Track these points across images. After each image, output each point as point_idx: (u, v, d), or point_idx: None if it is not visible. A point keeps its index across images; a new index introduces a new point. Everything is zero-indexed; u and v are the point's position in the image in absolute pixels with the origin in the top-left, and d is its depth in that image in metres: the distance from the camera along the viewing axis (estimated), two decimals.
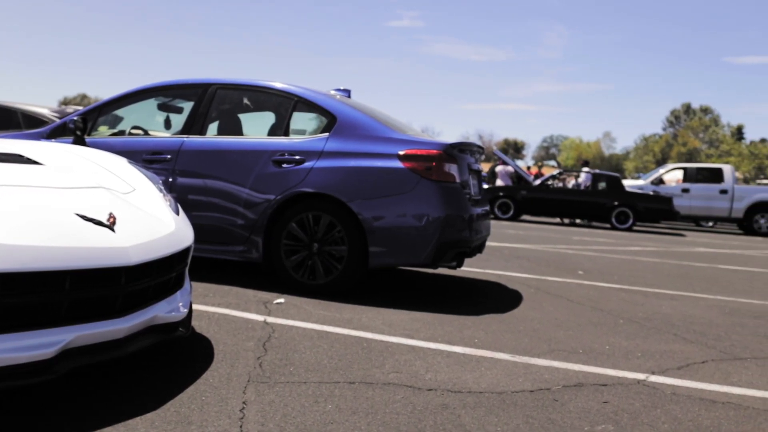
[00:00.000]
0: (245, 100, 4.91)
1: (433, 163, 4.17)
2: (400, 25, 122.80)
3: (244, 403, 2.24)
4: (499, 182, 18.27)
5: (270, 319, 3.47)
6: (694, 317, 4.47)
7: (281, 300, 3.97)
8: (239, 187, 4.39)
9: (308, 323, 3.45)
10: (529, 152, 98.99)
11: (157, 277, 2.40)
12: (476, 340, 3.37)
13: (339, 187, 4.17)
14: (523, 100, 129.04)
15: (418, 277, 5.42)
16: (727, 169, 18.05)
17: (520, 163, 70.05)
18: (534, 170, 24.29)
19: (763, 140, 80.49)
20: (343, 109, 4.46)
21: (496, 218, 15.88)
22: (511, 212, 15.92)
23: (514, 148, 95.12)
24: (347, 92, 5.19)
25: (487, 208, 5.09)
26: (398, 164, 4.16)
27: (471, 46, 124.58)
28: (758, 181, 58.45)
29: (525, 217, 17.57)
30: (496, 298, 4.65)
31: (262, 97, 4.87)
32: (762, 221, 17.40)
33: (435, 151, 4.21)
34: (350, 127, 4.36)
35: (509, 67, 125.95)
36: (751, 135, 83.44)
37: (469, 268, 6.01)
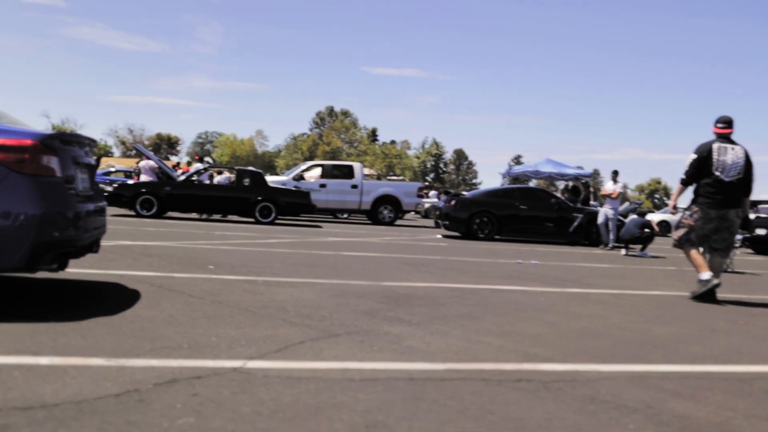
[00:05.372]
0: None
1: (27, 155, 3.72)
2: (36, 2, 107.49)
3: None
4: (143, 178, 17.48)
5: None
6: (306, 301, 4.81)
7: None
8: None
9: None
10: (184, 148, 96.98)
11: None
12: (70, 347, 3.09)
13: None
14: (177, 94, 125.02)
15: (16, 283, 4.81)
16: (356, 166, 20.15)
17: (174, 159, 68.10)
18: (185, 167, 23.80)
19: (392, 142, 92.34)
20: None
21: (138, 216, 15.12)
22: (155, 209, 15.32)
23: (168, 144, 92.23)
24: None
25: (102, 204, 4.76)
26: None
27: (120, 33, 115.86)
28: (388, 177, 66.65)
29: (172, 214, 17.10)
30: (111, 300, 4.38)
31: None
32: (385, 212, 19.86)
33: (29, 142, 3.76)
34: None
35: (163, 59, 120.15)
36: (383, 137, 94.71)
37: (88, 270, 5.56)
